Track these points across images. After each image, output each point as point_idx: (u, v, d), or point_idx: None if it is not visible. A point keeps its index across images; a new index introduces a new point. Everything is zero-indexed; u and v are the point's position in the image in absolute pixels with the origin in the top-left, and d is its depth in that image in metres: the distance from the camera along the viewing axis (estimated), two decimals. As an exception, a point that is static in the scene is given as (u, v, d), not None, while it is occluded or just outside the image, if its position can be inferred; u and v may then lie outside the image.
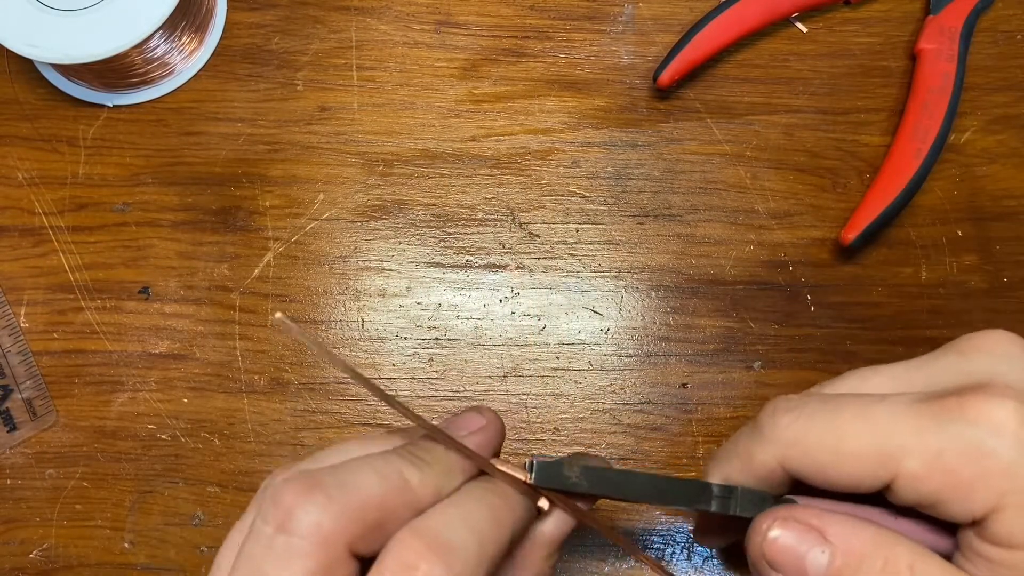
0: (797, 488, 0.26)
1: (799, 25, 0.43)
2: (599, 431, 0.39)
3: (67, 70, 0.42)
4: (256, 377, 0.40)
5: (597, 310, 0.40)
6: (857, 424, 0.24)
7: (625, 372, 0.40)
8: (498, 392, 0.40)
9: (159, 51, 0.41)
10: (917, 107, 0.40)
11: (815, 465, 0.25)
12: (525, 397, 0.40)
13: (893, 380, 0.26)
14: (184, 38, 0.41)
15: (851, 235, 0.39)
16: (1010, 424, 0.23)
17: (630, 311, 0.40)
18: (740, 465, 0.26)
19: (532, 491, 0.25)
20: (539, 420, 0.39)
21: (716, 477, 0.27)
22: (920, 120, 0.40)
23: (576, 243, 0.41)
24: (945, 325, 0.40)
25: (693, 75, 0.42)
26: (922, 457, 0.23)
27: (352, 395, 0.39)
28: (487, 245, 0.41)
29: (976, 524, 0.23)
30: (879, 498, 0.25)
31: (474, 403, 0.39)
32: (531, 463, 0.25)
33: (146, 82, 0.42)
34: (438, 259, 0.41)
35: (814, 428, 0.25)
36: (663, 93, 0.42)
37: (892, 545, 0.24)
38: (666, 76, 0.40)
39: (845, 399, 0.25)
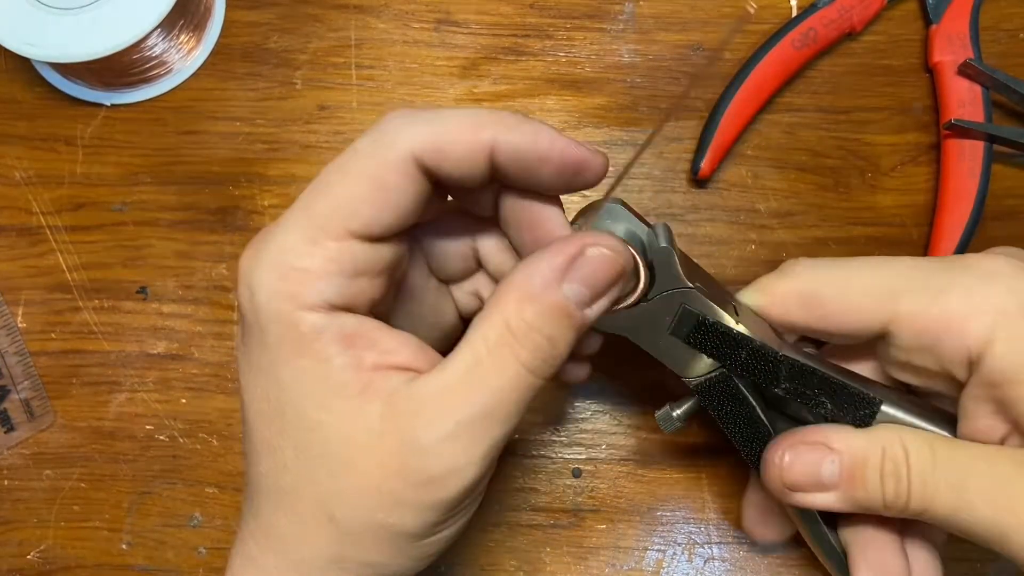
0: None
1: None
2: (599, 431, 0.39)
3: (65, 69, 0.41)
4: (255, 377, 0.39)
5: (597, 310, 0.40)
6: (863, 269, 0.29)
7: (626, 372, 0.39)
8: (498, 392, 0.39)
9: (157, 50, 0.41)
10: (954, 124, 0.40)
11: (821, 302, 0.29)
12: (525, 397, 0.39)
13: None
14: (182, 36, 0.41)
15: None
16: (1004, 270, 0.27)
17: (630, 311, 0.40)
18: (762, 297, 0.30)
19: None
20: (539, 420, 0.39)
21: (746, 299, 0.31)
22: (963, 140, 0.40)
23: (576, 243, 0.41)
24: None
25: (696, 79, 0.42)
26: (921, 295, 0.27)
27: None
28: (487, 245, 0.41)
29: (973, 366, 0.26)
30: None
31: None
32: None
33: (144, 81, 0.42)
34: (438, 259, 0.41)
35: (825, 271, 0.29)
36: (701, 182, 0.41)
37: (885, 433, 0.27)
38: (706, 167, 0.40)
39: (854, 259, 0.30)
